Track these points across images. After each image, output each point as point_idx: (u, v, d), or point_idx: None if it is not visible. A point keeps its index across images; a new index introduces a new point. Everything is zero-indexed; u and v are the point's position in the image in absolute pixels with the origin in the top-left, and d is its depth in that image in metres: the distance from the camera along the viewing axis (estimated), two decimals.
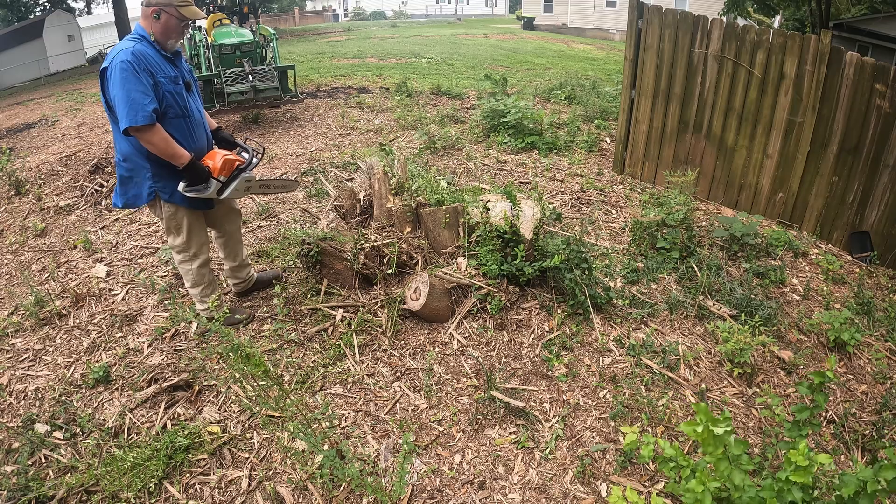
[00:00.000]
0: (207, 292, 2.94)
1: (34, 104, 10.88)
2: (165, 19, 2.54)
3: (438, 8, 47.05)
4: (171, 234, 2.79)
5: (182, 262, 2.85)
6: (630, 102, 5.13)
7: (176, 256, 2.85)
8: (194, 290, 2.93)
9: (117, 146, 2.62)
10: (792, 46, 4.07)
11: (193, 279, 2.89)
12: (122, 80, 2.37)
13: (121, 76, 2.37)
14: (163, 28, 2.55)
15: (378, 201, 3.27)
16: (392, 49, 15.50)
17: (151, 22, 2.54)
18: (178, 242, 2.79)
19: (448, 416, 2.46)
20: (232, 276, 3.18)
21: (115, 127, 2.51)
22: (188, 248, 2.81)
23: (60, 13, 23.56)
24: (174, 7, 2.54)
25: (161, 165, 2.57)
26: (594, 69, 13.07)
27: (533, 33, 25.39)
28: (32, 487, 2.06)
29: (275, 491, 2.11)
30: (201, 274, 2.89)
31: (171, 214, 2.70)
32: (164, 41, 2.57)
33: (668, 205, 3.98)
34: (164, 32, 2.57)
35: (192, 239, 2.79)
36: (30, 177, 5.42)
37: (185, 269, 2.87)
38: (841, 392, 2.79)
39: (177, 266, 2.91)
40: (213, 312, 2.82)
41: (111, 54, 2.45)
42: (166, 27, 2.56)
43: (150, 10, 2.52)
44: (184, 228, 2.75)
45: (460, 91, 8.92)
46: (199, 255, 2.84)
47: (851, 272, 3.96)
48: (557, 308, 3.08)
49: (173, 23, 2.56)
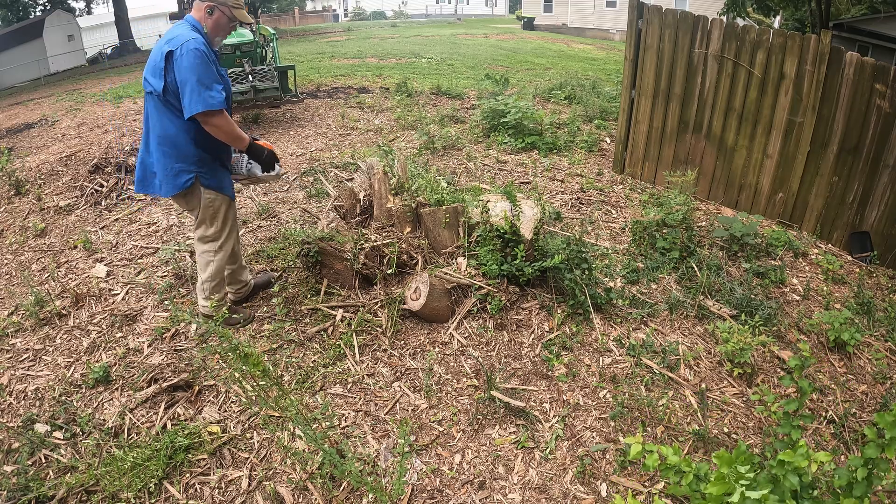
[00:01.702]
0: (218, 288, 2.91)
1: (34, 104, 10.88)
2: (218, 16, 2.57)
3: (438, 8, 47.05)
4: (204, 224, 2.77)
5: (206, 252, 2.82)
6: (630, 102, 5.13)
7: (202, 247, 2.82)
8: (208, 282, 2.87)
9: (160, 132, 2.57)
10: (792, 46, 4.07)
11: (214, 270, 2.85)
12: (195, 65, 2.39)
13: (194, 62, 2.39)
14: (214, 24, 2.59)
15: (378, 201, 3.27)
16: (392, 49, 15.50)
17: (204, 16, 2.56)
18: (212, 231, 2.78)
19: (448, 416, 2.46)
20: (233, 283, 3.12)
21: (167, 113, 2.51)
22: (219, 237, 2.80)
23: (60, 13, 23.57)
24: (228, 7, 2.57)
25: (206, 151, 2.62)
26: (594, 69, 13.07)
27: (533, 33, 25.39)
28: (32, 487, 2.06)
29: (275, 491, 2.11)
30: (220, 268, 2.87)
31: (210, 201, 2.71)
32: (212, 37, 2.60)
33: (668, 205, 3.98)
34: (215, 29, 2.60)
35: (225, 227, 2.81)
36: (30, 177, 5.42)
37: (208, 260, 2.83)
38: (841, 392, 2.79)
39: (198, 256, 2.87)
40: (212, 311, 2.82)
41: (176, 40, 2.44)
42: (217, 24, 2.60)
43: (205, 6, 2.55)
44: (220, 215, 2.77)
45: (460, 91, 8.93)
46: (226, 245, 2.85)
47: (851, 272, 3.96)
48: (557, 308, 3.08)
49: (224, 21, 2.60)
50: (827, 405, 2.71)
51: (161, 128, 2.57)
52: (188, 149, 2.58)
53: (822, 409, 2.69)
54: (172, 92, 2.48)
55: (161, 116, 2.54)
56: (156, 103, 2.54)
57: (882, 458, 1.40)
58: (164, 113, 2.54)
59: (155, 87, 2.49)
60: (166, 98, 2.49)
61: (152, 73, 2.50)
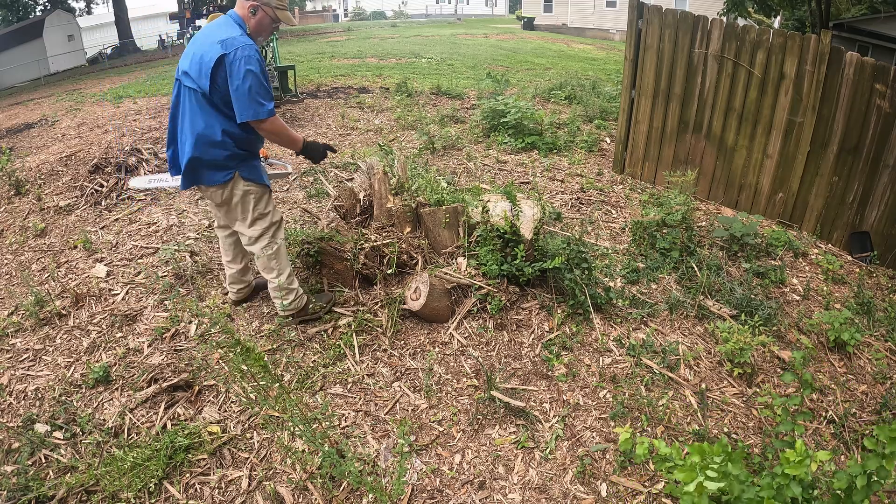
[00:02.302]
0: (292, 279, 2.87)
1: (34, 104, 10.88)
2: (261, 16, 2.54)
3: (438, 8, 47.05)
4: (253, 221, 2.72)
5: (264, 248, 2.75)
6: (630, 102, 5.13)
7: (255, 248, 2.76)
8: (281, 277, 2.81)
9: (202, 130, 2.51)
10: (792, 46, 4.07)
11: (279, 265, 2.80)
12: (250, 72, 2.38)
13: (249, 68, 2.38)
14: (257, 24, 2.56)
15: (378, 201, 3.26)
16: (392, 49, 15.50)
17: (247, 15, 2.53)
18: (261, 227, 2.73)
19: (448, 416, 2.46)
20: (238, 282, 3.10)
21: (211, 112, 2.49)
22: (272, 224, 2.76)
23: (60, 13, 23.59)
24: (272, 7, 2.54)
25: (246, 148, 2.63)
26: (594, 69, 13.07)
27: (533, 33, 25.39)
28: (32, 487, 2.06)
29: (275, 491, 2.11)
30: (285, 254, 2.84)
31: (256, 196, 2.69)
32: (254, 37, 2.56)
33: (668, 205, 3.98)
34: (257, 29, 2.57)
35: (273, 213, 2.78)
36: (30, 177, 5.42)
37: (269, 256, 2.77)
38: (841, 392, 2.79)
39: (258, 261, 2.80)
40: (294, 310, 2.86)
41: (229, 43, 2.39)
42: (260, 24, 2.56)
43: (248, 5, 2.51)
44: (266, 209, 2.74)
45: (460, 91, 8.92)
46: (279, 233, 2.82)
47: (851, 272, 3.96)
48: (557, 308, 3.08)
49: (266, 21, 2.57)
50: (827, 405, 2.71)
51: (204, 125, 2.52)
52: (230, 148, 2.56)
53: (822, 409, 2.69)
54: (220, 94, 2.44)
55: (205, 115, 2.50)
56: (198, 100, 2.50)
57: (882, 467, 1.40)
58: (207, 112, 2.50)
59: (201, 86, 2.45)
60: (211, 98, 2.46)
61: (198, 72, 2.45)
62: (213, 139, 2.53)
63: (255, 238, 2.76)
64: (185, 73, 2.52)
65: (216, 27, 2.53)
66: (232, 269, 3.06)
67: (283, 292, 2.84)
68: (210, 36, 2.48)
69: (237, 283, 3.12)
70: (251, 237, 2.76)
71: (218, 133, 2.52)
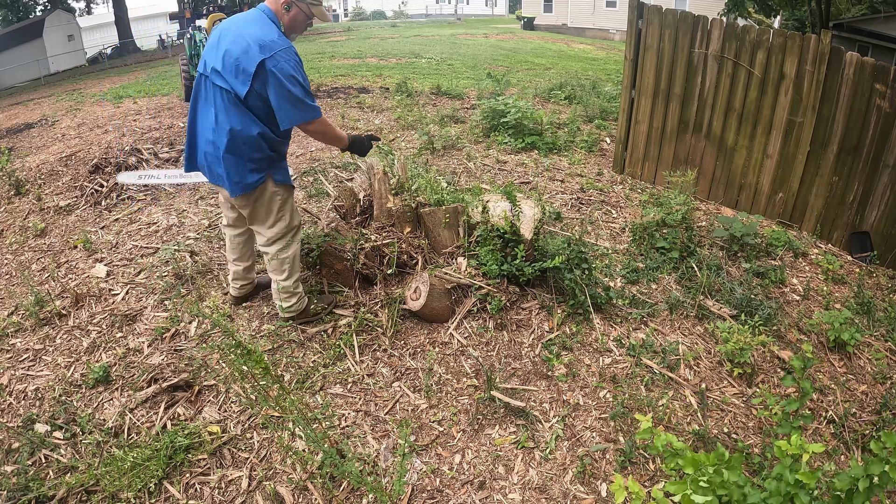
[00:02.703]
0: (298, 284, 2.86)
1: (34, 104, 10.88)
2: (295, 13, 2.49)
3: (438, 8, 47.07)
4: (276, 221, 2.69)
5: (280, 251, 2.73)
6: (630, 102, 5.13)
7: (271, 249, 2.73)
8: (289, 280, 2.79)
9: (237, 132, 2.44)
10: (792, 46, 4.07)
11: (290, 267, 2.78)
12: (293, 77, 2.35)
13: (292, 73, 2.35)
14: (291, 21, 2.50)
15: (378, 201, 3.26)
16: (392, 49, 15.49)
17: (280, 11, 2.46)
18: (281, 227, 2.71)
19: (448, 416, 2.46)
20: (242, 279, 3.08)
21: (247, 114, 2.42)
22: (288, 231, 2.74)
23: (60, 13, 23.60)
24: (306, 4, 2.48)
25: (278, 151, 2.60)
26: (594, 69, 13.07)
27: (533, 33, 25.39)
28: (32, 487, 2.06)
29: (275, 491, 2.11)
30: (297, 259, 2.82)
31: (283, 197, 2.67)
32: (288, 34, 2.49)
33: (668, 205, 3.98)
34: (291, 26, 2.52)
35: (294, 216, 2.77)
36: (30, 177, 5.42)
37: (282, 258, 2.74)
38: (841, 392, 2.79)
39: (270, 261, 2.77)
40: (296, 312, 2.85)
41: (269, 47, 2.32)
42: (294, 21, 2.51)
43: (282, 2, 2.45)
44: (288, 210, 2.72)
45: (460, 91, 8.92)
46: (297, 235, 2.80)
47: (851, 272, 3.96)
48: (557, 308, 3.08)
49: (301, 18, 2.52)
50: (827, 405, 2.71)
51: (240, 126, 2.44)
52: (264, 151, 2.52)
53: (822, 409, 2.69)
54: (258, 97, 2.39)
55: (240, 115, 2.43)
56: (232, 101, 2.42)
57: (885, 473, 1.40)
58: (242, 112, 2.43)
59: (235, 89, 2.37)
60: (247, 101, 2.39)
61: (233, 74, 2.36)
62: (248, 139, 2.46)
63: (272, 239, 2.72)
64: (216, 72, 2.41)
65: (248, 23, 2.43)
66: (238, 266, 3.04)
67: (286, 294, 2.83)
68: (243, 33, 2.38)
69: (241, 280, 3.09)
70: (269, 238, 2.72)
71: (254, 134, 2.46)
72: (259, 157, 2.52)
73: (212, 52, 2.46)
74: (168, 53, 22.01)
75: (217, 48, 2.43)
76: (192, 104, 2.60)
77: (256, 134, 2.46)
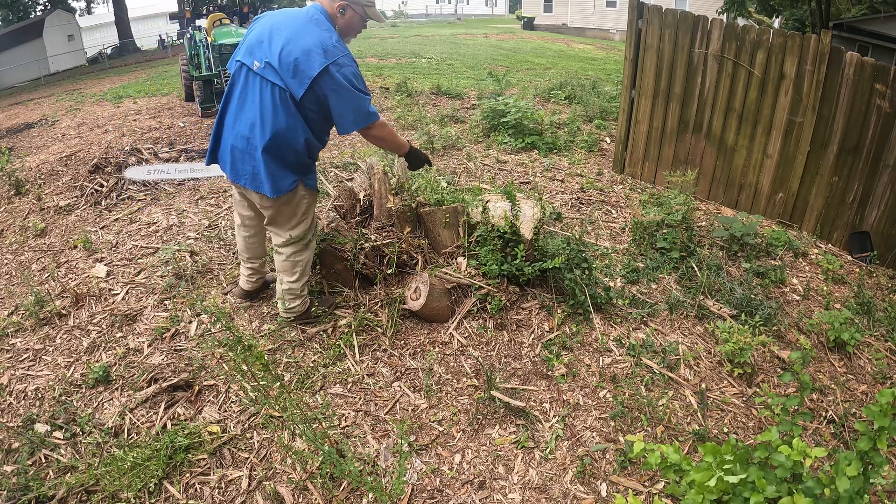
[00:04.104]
0: (306, 287, 2.87)
1: (34, 104, 10.88)
2: (350, 16, 2.45)
3: (438, 8, 47.08)
4: (298, 223, 2.68)
5: (296, 253, 2.72)
6: (630, 102, 5.13)
7: (287, 250, 2.71)
8: (298, 283, 2.78)
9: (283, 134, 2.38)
10: (792, 46, 4.07)
11: (302, 269, 2.78)
12: (353, 83, 2.32)
13: (354, 80, 2.32)
14: (346, 24, 2.46)
15: (378, 201, 3.26)
16: (392, 49, 15.50)
17: (336, 14, 2.43)
18: (302, 229, 2.70)
19: (448, 416, 2.46)
20: (255, 273, 3.07)
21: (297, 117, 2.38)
22: (308, 234, 2.73)
23: (60, 13, 23.61)
24: (362, 6, 2.46)
25: (314, 156, 2.60)
26: (594, 69, 13.07)
27: (533, 33, 25.40)
28: (32, 487, 2.06)
29: (275, 491, 2.11)
30: (310, 262, 2.83)
31: (308, 201, 2.67)
32: (342, 37, 2.45)
33: (668, 205, 3.98)
34: (346, 29, 2.48)
35: (313, 223, 2.78)
36: (30, 177, 5.42)
37: (296, 261, 2.74)
38: (841, 392, 2.79)
39: (283, 261, 2.75)
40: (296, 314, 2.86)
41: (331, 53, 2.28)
42: (349, 24, 2.47)
43: (337, 5, 2.41)
44: (311, 213, 2.73)
45: (460, 91, 8.92)
46: (314, 240, 2.81)
47: (851, 272, 3.96)
48: (557, 308, 3.08)
49: (356, 20, 2.49)
50: (827, 405, 2.71)
51: (286, 127, 2.39)
52: (302, 156, 2.50)
53: (822, 409, 2.69)
54: (314, 101, 2.34)
55: (289, 117, 2.37)
56: (284, 100, 2.35)
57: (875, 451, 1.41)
58: (292, 115, 2.37)
59: (292, 88, 2.30)
60: (301, 102, 2.33)
61: (290, 73, 2.29)
62: (292, 141, 2.42)
63: (291, 242, 2.71)
64: (270, 67, 2.32)
65: (306, 23, 2.36)
66: (253, 264, 3.04)
67: (291, 296, 2.83)
68: (303, 33, 2.32)
69: (255, 275, 3.09)
70: (288, 240, 2.70)
71: (299, 137, 2.42)
72: (296, 161, 2.50)
73: (262, 46, 2.36)
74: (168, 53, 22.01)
75: (270, 42, 2.34)
76: (226, 95, 2.51)
77: (301, 138, 2.43)
